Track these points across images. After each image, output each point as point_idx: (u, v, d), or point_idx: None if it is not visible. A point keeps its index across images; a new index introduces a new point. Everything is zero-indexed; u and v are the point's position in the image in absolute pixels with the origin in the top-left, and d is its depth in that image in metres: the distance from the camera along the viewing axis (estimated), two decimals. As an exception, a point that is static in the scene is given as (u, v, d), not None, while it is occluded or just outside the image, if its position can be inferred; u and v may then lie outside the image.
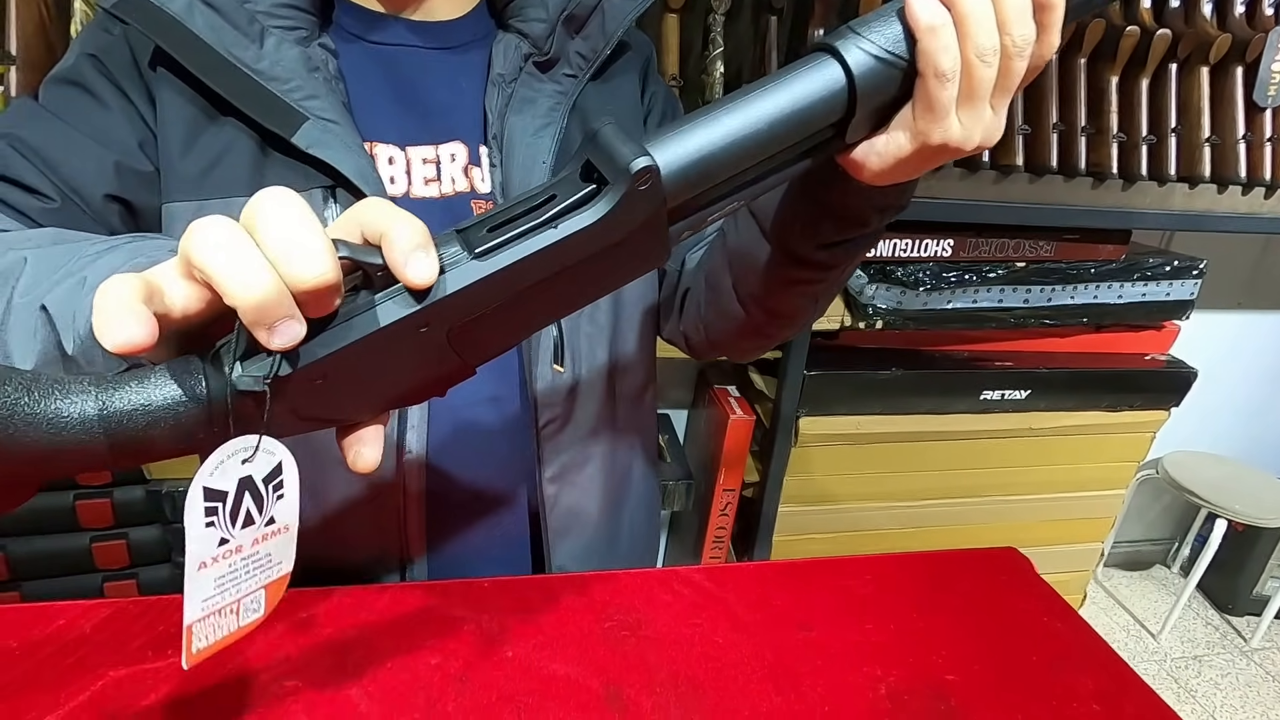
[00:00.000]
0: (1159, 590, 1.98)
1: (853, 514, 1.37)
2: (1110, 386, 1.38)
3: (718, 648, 0.47)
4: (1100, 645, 0.51)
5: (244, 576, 0.31)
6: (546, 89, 0.55)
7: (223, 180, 0.47)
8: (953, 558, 0.59)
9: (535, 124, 0.53)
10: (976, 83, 0.32)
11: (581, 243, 0.30)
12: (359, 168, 0.48)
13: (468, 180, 0.54)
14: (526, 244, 0.29)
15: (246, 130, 0.47)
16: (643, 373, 0.63)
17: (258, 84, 0.47)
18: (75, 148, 0.46)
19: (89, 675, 0.41)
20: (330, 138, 0.47)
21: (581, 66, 0.55)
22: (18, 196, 0.45)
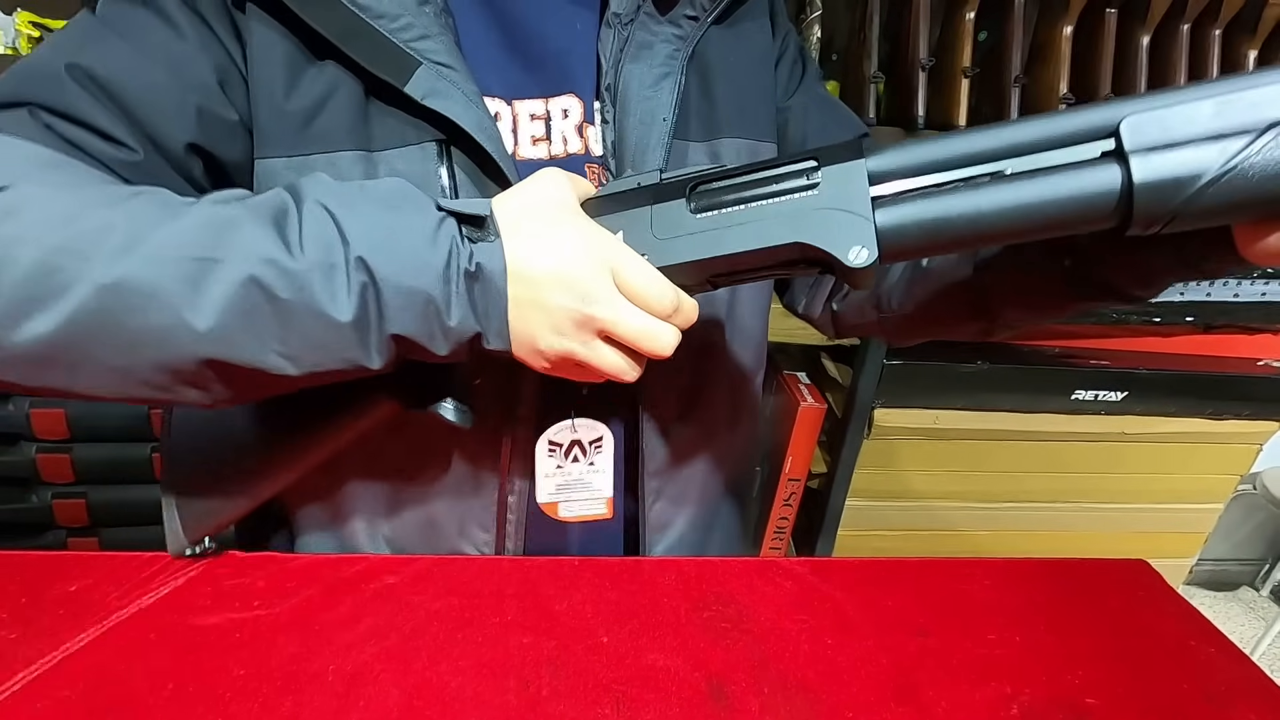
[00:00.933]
0: (1246, 614, 1.85)
1: (927, 512, 1.30)
2: (1216, 392, 1.27)
3: (827, 648, 0.43)
4: (1260, 676, 0.45)
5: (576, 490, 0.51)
6: (664, 33, 0.48)
7: (324, 133, 0.42)
8: (1077, 566, 0.54)
9: (653, 74, 0.47)
10: None
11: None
12: (479, 120, 0.42)
13: (582, 141, 0.48)
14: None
15: (347, 75, 0.42)
16: (754, 357, 0.58)
17: (364, 23, 0.40)
18: (152, 86, 0.39)
19: (180, 621, 0.40)
20: (447, 86, 0.41)
21: (705, 6, 0.49)
22: (97, 144, 0.38)
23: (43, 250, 0.31)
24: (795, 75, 0.58)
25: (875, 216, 0.34)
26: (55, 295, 0.31)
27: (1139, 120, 0.30)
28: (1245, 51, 1.05)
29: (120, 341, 0.32)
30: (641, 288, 0.36)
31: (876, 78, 0.99)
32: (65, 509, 1.12)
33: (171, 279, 0.31)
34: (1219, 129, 0.29)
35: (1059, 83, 1.03)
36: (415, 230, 0.34)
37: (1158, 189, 0.30)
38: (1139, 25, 1.03)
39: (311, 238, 0.33)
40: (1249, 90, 0.29)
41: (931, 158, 0.34)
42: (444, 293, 0.34)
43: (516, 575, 0.47)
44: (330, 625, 0.41)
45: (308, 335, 0.33)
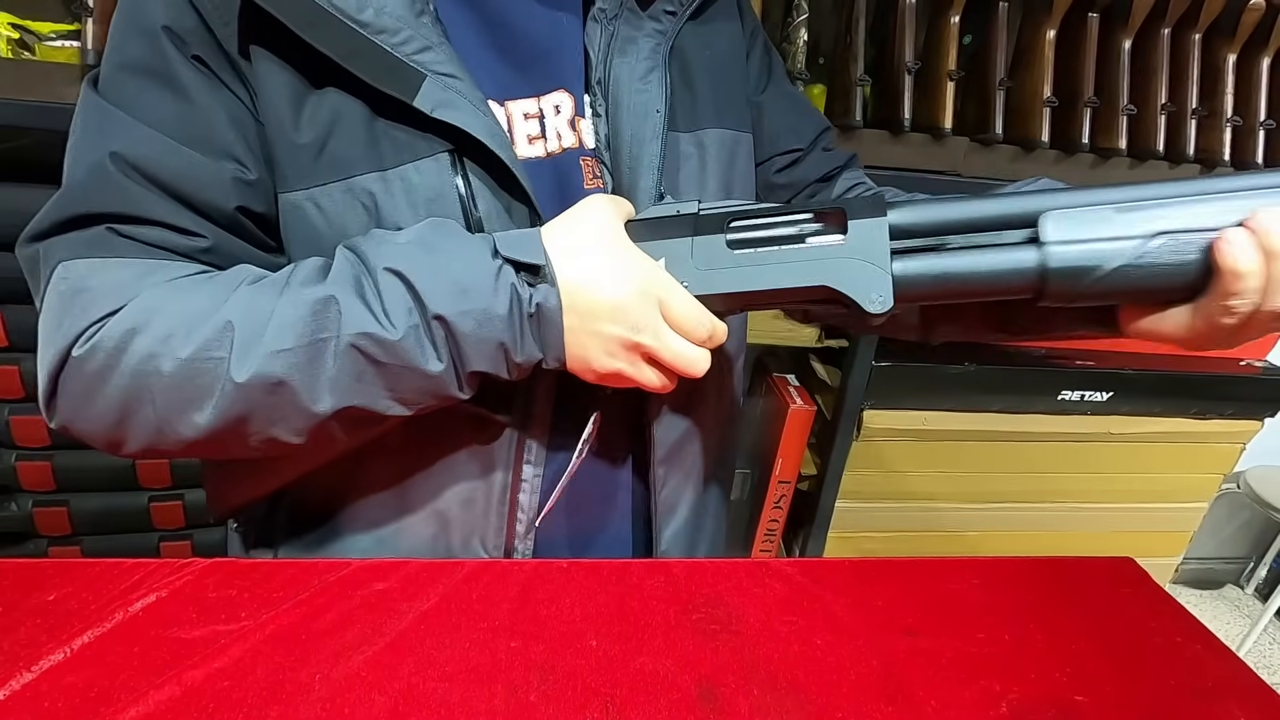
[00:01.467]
0: (1231, 611, 1.87)
1: (916, 513, 1.31)
2: (1200, 392, 1.29)
3: (817, 649, 0.43)
4: (1247, 673, 0.45)
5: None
6: (647, 27, 0.49)
7: (337, 160, 0.42)
8: (1065, 565, 0.54)
9: (640, 67, 0.48)
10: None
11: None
12: (489, 128, 0.42)
13: (575, 135, 0.48)
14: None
15: (351, 98, 0.42)
16: (739, 347, 0.61)
17: (366, 40, 0.40)
18: (188, 169, 0.40)
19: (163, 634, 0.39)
20: (454, 96, 0.41)
21: (683, 1, 0.50)
22: (173, 239, 0.41)
23: (181, 362, 0.38)
24: (765, 71, 0.59)
25: (893, 268, 0.40)
26: (203, 396, 0.38)
27: (1056, 216, 0.37)
28: (1224, 55, 1.07)
29: (264, 420, 0.39)
30: (683, 317, 0.42)
31: (863, 81, 0.99)
32: (46, 517, 1.10)
33: (293, 366, 0.38)
34: (1117, 233, 0.36)
35: (1043, 86, 1.04)
36: (480, 286, 0.39)
37: (1065, 274, 0.37)
38: (1121, 29, 1.05)
39: (393, 306, 0.38)
40: (1145, 202, 0.37)
41: (945, 218, 0.40)
42: (511, 336, 0.40)
43: (506, 578, 0.46)
44: (317, 634, 0.40)
45: (411, 385, 0.40)
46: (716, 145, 0.52)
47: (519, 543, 0.50)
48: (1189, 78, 1.06)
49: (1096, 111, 1.05)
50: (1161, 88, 1.05)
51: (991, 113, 1.04)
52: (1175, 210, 0.36)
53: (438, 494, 0.49)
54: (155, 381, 0.38)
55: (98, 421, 0.41)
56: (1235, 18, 1.04)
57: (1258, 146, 1.07)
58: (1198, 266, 0.36)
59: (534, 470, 0.49)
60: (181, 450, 0.41)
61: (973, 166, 1.06)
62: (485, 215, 0.44)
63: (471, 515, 0.49)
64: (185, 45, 0.41)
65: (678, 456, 0.55)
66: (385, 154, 0.42)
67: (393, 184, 0.42)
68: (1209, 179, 0.37)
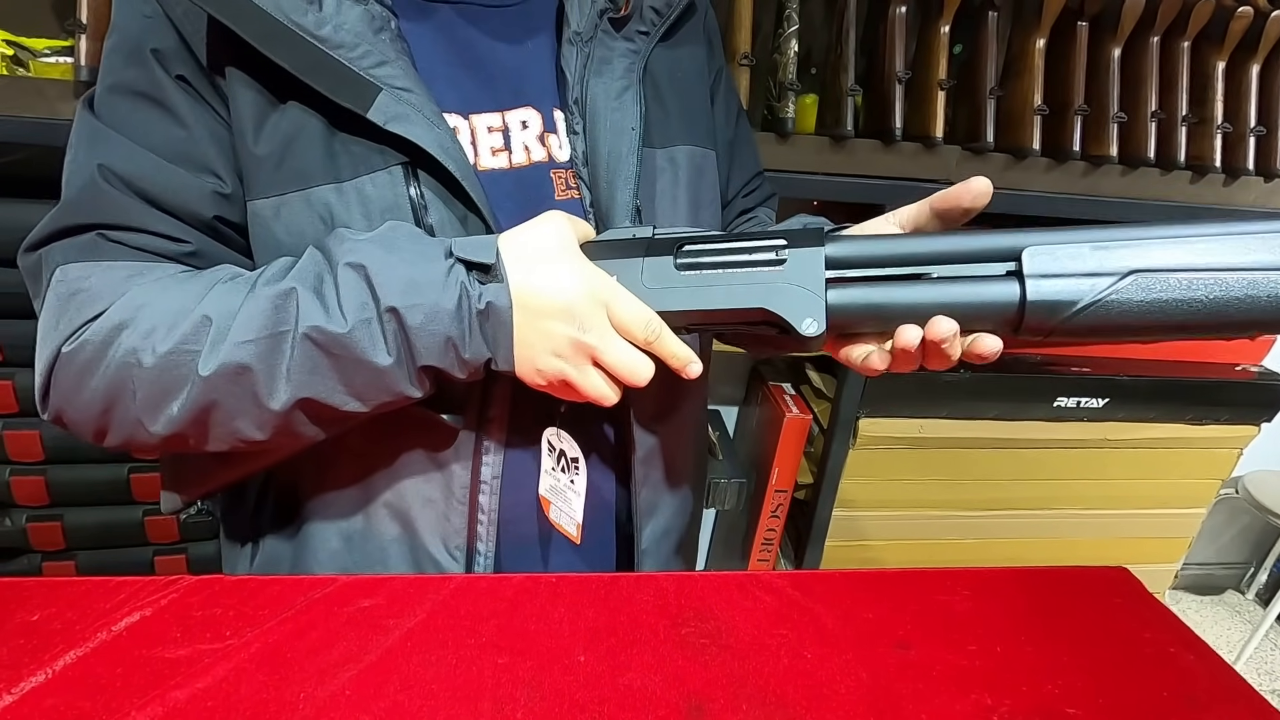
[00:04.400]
0: (1232, 617, 1.86)
1: (913, 521, 1.31)
2: (1196, 398, 1.29)
3: (807, 662, 0.43)
4: (1240, 683, 0.45)
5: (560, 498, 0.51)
6: (620, 48, 0.51)
7: (297, 170, 0.44)
8: (1058, 575, 0.54)
9: (615, 87, 0.50)
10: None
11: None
12: (440, 141, 0.44)
13: (544, 149, 0.50)
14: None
15: (311, 112, 0.44)
16: (708, 354, 0.63)
17: (324, 54, 0.42)
18: (171, 181, 0.43)
19: (147, 654, 0.39)
20: (408, 110, 0.43)
21: (654, 22, 0.52)
22: (159, 244, 0.44)
23: (160, 355, 0.40)
24: (732, 110, 0.62)
25: (827, 295, 0.42)
26: (177, 387, 0.40)
27: (1036, 251, 0.38)
28: (1214, 62, 1.07)
29: (230, 410, 0.41)
30: (626, 316, 0.43)
31: (854, 91, 1.00)
32: (40, 532, 1.09)
33: (255, 356, 0.40)
34: (1093, 269, 0.38)
35: (1033, 95, 1.04)
36: (430, 280, 0.40)
37: (1043, 307, 0.38)
38: (1110, 37, 1.05)
39: (348, 300, 0.40)
40: (1120, 240, 0.38)
41: (877, 252, 0.42)
42: (459, 331, 0.41)
43: (494, 593, 0.46)
44: (302, 652, 0.40)
45: (363, 380, 0.41)
46: (687, 161, 0.54)
47: (481, 544, 0.51)
48: (1179, 85, 1.06)
49: (1087, 119, 1.05)
50: (1151, 95, 1.05)
51: (983, 121, 1.04)
52: (1147, 249, 0.38)
53: (400, 495, 0.50)
54: (137, 374, 0.40)
55: (85, 411, 0.43)
56: (1223, 25, 1.04)
57: (1248, 152, 1.08)
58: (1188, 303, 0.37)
59: (492, 473, 0.49)
60: (157, 444, 0.42)
61: (965, 175, 1.05)
62: (438, 225, 0.45)
63: (433, 515, 0.50)
64: (170, 64, 0.43)
65: (658, 457, 0.56)
66: (342, 167, 0.44)
67: (348, 195, 0.44)
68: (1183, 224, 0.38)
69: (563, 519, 0.52)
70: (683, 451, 0.59)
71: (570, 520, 0.51)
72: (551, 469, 0.51)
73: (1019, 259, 0.39)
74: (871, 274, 0.42)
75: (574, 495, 0.51)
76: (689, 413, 0.60)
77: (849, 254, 0.43)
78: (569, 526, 0.52)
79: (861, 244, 0.43)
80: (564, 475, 0.51)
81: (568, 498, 0.51)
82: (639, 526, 0.56)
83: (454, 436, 0.49)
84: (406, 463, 0.49)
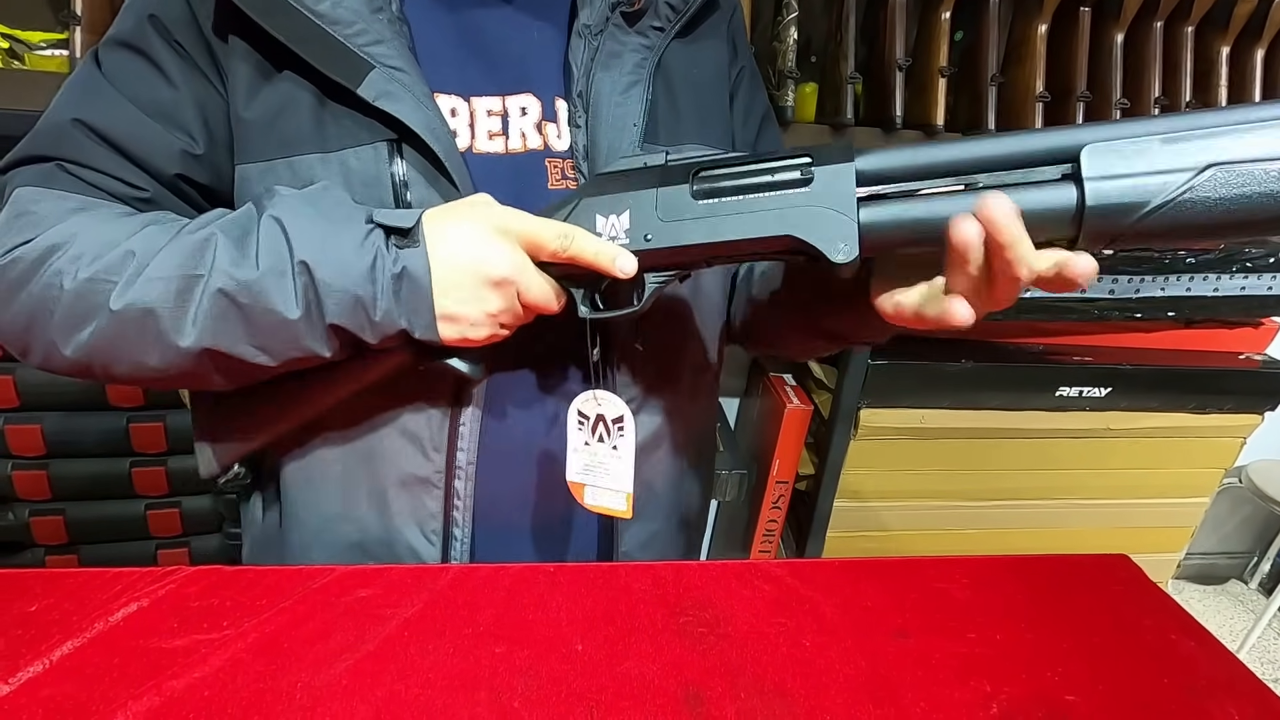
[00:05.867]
0: (1235, 607, 1.86)
1: (914, 512, 1.30)
2: (1199, 387, 1.28)
3: (805, 651, 0.43)
4: (1241, 669, 0.45)
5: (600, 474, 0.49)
6: (632, 42, 0.50)
7: (285, 137, 0.45)
8: (1058, 562, 0.53)
9: (623, 82, 0.49)
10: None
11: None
12: (427, 121, 0.45)
13: (541, 137, 0.50)
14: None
15: (304, 82, 0.45)
16: (715, 354, 0.61)
17: (320, 29, 0.44)
18: (144, 136, 0.45)
19: (144, 644, 0.39)
20: (398, 88, 0.44)
21: (670, 18, 0.51)
22: (114, 185, 0.45)
23: (80, 280, 0.41)
24: (755, 111, 0.61)
25: (860, 215, 0.38)
26: (90, 315, 0.41)
27: (1096, 150, 0.34)
28: (1218, 48, 1.06)
29: (138, 345, 0.42)
30: (535, 235, 0.42)
31: (854, 79, 0.99)
32: (43, 526, 1.10)
33: (165, 295, 0.41)
34: (1164, 166, 0.33)
35: (1035, 81, 1.03)
36: (346, 238, 0.41)
37: (1106, 212, 0.34)
38: (1113, 23, 1.04)
39: (266, 249, 0.41)
40: (1193, 131, 0.33)
41: (914, 163, 0.38)
42: (369, 292, 0.41)
43: (492, 583, 0.46)
44: (299, 642, 0.40)
45: (270, 331, 0.41)
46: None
47: (457, 530, 0.50)
48: (1183, 71, 1.05)
49: (1090, 106, 1.04)
50: (1155, 81, 1.04)
51: (984, 109, 1.03)
52: (1225, 140, 0.33)
53: (376, 476, 0.50)
54: (57, 296, 0.41)
55: (10, 326, 0.44)
56: (1228, 10, 1.03)
57: (1253, 139, 1.06)
58: (1263, 198, 0.32)
59: (467, 459, 0.49)
60: (68, 367, 0.43)
61: (966, 163, 1.05)
62: (418, 203, 0.46)
63: (409, 497, 0.50)
64: (169, 32, 0.45)
65: (642, 457, 0.54)
66: (329, 137, 0.45)
67: (331, 165, 0.45)
68: (1260, 106, 0.33)
69: (604, 498, 0.50)
70: (679, 451, 0.58)
71: (616, 495, 0.49)
72: (585, 444, 0.49)
73: (1076, 160, 0.34)
74: (909, 189, 0.38)
75: (617, 461, 0.49)
76: (686, 408, 0.58)
77: (883, 166, 0.38)
78: (615, 503, 0.49)
79: (897, 154, 0.38)
80: (603, 445, 0.49)
81: (609, 469, 0.49)
82: (618, 531, 0.55)
83: (431, 418, 0.48)
84: (384, 446, 0.49)
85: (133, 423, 1.07)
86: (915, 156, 0.38)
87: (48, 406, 1.05)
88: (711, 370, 0.61)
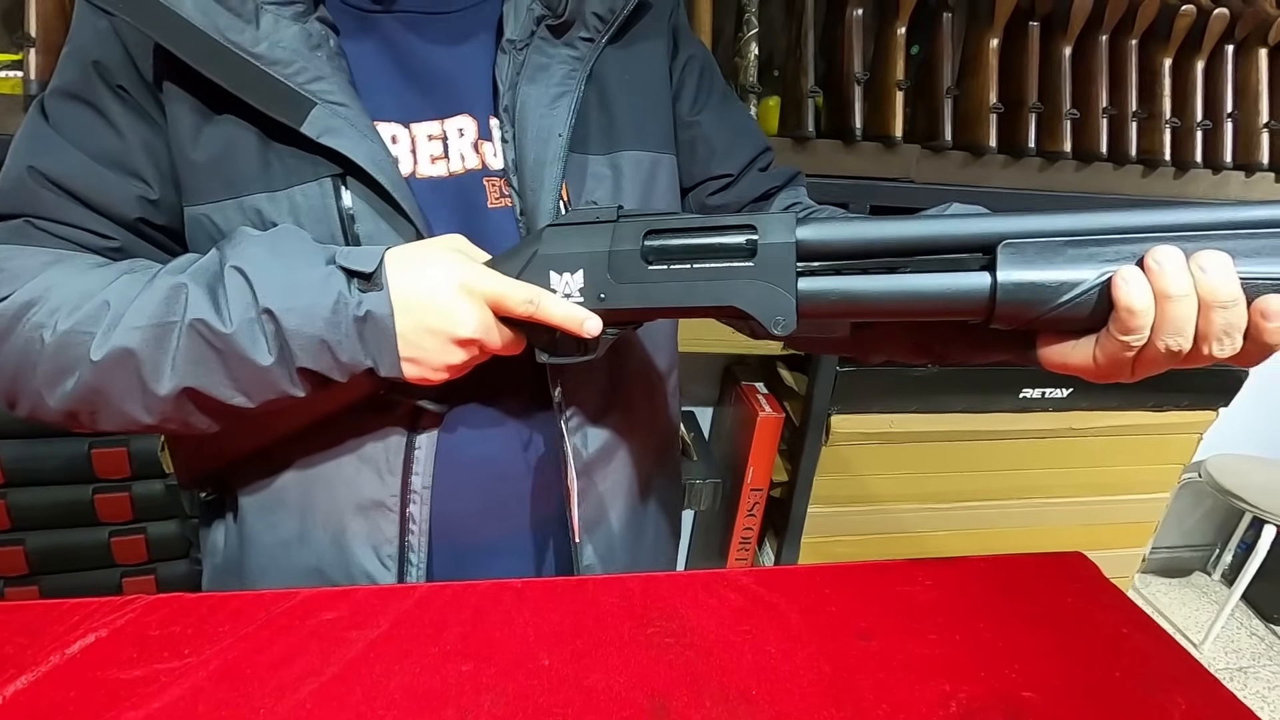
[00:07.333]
0: (1200, 598, 1.91)
1: (886, 516, 1.32)
2: (1156, 385, 1.32)
3: (770, 657, 0.43)
4: (1189, 660, 0.46)
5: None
6: (560, 54, 0.51)
7: (231, 178, 0.46)
8: (1015, 562, 0.55)
9: (550, 94, 0.50)
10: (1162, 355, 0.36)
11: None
12: (371, 154, 0.45)
13: (479, 156, 0.50)
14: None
15: (246, 123, 0.45)
16: (667, 356, 0.61)
17: (259, 70, 0.44)
18: (99, 183, 0.46)
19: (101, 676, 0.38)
20: (340, 123, 0.45)
21: (599, 28, 0.51)
22: (83, 237, 0.46)
23: (59, 333, 0.42)
24: (703, 91, 0.60)
25: (799, 287, 0.40)
26: (73, 366, 0.42)
27: (1012, 245, 0.37)
28: (1160, 60, 1.10)
29: (121, 392, 0.42)
30: (504, 298, 0.43)
31: (814, 92, 1.01)
32: (2, 557, 1.07)
33: (145, 343, 0.41)
34: (1068, 268, 0.36)
35: (989, 93, 1.07)
36: (307, 282, 0.42)
37: (1014, 303, 0.37)
38: (1061, 37, 1.08)
39: (234, 300, 0.41)
40: (1096, 235, 0.36)
41: (853, 237, 0.41)
42: (333, 335, 0.42)
43: (459, 601, 0.46)
44: (262, 667, 0.40)
45: (247, 376, 0.42)
46: (633, 167, 0.53)
47: (413, 554, 0.50)
48: (1128, 82, 1.09)
49: (1041, 116, 1.08)
50: (1102, 92, 1.08)
51: (941, 120, 1.06)
52: (1124, 248, 0.36)
53: (332, 500, 0.50)
54: (39, 349, 0.42)
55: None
56: (1169, 23, 1.08)
57: (1196, 146, 1.11)
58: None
59: (422, 483, 0.49)
60: (57, 418, 0.44)
61: (924, 173, 1.08)
62: (367, 235, 0.46)
63: (365, 522, 0.50)
64: (112, 76, 0.45)
65: (601, 469, 0.55)
66: (275, 176, 0.46)
67: (280, 204, 0.46)
68: (1161, 210, 0.36)
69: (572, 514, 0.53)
70: (637, 466, 0.58)
71: (573, 514, 0.53)
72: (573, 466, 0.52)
73: (994, 251, 0.37)
74: (843, 265, 0.41)
75: (573, 489, 0.52)
76: (644, 426, 0.58)
77: (822, 241, 0.41)
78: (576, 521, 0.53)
79: (836, 228, 0.41)
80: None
81: (572, 491, 0.52)
82: (578, 544, 0.55)
83: (387, 444, 0.49)
84: (340, 470, 0.49)
85: (94, 448, 1.05)
86: (853, 232, 0.40)
87: (6, 434, 1.03)
88: (667, 378, 0.61)
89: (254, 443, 0.49)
